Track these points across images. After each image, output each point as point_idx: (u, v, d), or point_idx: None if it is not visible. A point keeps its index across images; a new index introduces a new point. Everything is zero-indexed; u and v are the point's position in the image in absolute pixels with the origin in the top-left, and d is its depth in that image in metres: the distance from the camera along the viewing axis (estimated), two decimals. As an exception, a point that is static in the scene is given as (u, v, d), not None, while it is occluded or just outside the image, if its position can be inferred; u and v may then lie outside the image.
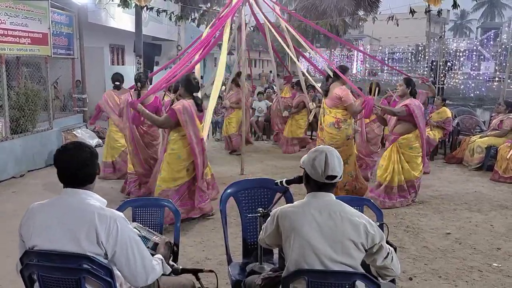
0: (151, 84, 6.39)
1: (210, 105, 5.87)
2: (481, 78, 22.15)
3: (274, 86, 13.55)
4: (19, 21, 7.16)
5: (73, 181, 2.09)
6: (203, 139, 4.97)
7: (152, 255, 2.37)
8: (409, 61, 31.07)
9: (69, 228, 1.99)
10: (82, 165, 2.08)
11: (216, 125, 10.93)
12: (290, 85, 9.97)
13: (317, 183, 2.23)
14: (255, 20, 7.83)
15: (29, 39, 7.38)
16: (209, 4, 21.73)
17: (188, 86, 4.89)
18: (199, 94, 5.40)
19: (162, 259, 2.31)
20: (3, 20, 6.79)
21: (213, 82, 7.98)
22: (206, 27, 9.39)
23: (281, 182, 2.65)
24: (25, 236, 2.07)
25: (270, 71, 35.14)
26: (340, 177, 2.24)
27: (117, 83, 6.88)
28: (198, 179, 4.96)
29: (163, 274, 2.32)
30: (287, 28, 8.15)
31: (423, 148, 5.86)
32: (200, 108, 4.96)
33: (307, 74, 7.94)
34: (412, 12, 8.81)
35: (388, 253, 2.18)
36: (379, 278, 2.22)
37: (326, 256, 2.08)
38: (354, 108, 5.84)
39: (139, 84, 5.58)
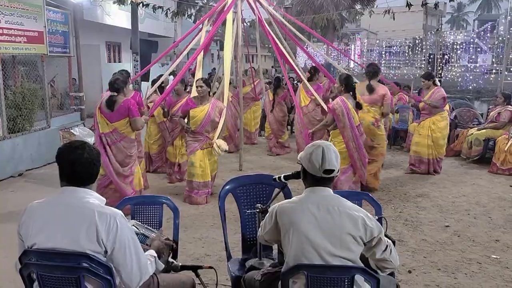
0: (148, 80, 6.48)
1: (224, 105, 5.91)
2: (478, 70, 22.15)
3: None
4: (15, 20, 7.12)
5: (79, 180, 2.09)
6: (100, 135, 5.02)
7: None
8: (406, 54, 31.04)
9: (68, 226, 1.99)
10: (90, 164, 2.09)
11: None
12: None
13: (314, 178, 2.23)
14: (256, 15, 7.79)
15: (24, 37, 7.35)
16: (205, 0, 21.67)
17: (108, 84, 5.09)
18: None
19: (155, 256, 2.31)
20: (-2, 18, 6.77)
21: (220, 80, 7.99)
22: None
23: (279, 177, 2.66)
24: (24, 235, 2.07)
25: (272, 66, 35.05)
26: (338, 171, 2.25)
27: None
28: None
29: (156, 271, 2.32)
30: (283, 23, 8.12)
31: (351, 158, 5.42)
32: (109, 104, 4.92)
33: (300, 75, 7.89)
34: (408, 5, 8.78)
35: (386, 246, 2.19)
36: (378, 271, 2.23)
37: (325, 251, 2.08)
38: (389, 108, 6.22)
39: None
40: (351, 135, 5.35)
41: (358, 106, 5.48)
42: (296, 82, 11.87)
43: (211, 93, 6.02)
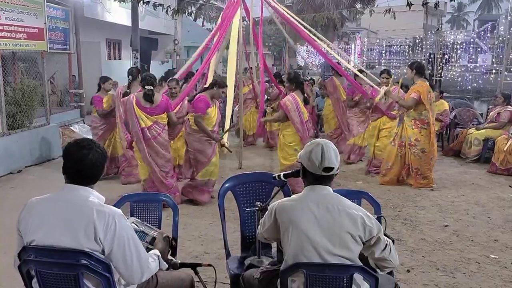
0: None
1: (228, 104, 5.94)
2: (478, 70, 22.13)
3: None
4: (15, 16, 7.12)
5: (80, 179, 2.09)
6: (142, 129, 5.12)
7: (150, 249, 2.38)
8: (406, 54, 31.03)
9: (67, 224, 1.99)
10: (93, 166, 2.08)
11: None
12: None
13: (314, 176, 2.23)
14: (246, 14, 7.81)
15: (25, 34, 7.34)
16: (205, -2, 21.61)
17: (141, 80, 5.38)
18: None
19: (158, 255, 2.31)
20: (-1, 15, 6.75)
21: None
22: (203, 21, 9.32)
23: (278, 175, 2.66)
24: (23, 231, 2.07)
25: (273, 65, 34.97)
26: (337, 169, 2.25)
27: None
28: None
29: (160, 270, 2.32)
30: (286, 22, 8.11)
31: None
32: (148, 98, 5.09)
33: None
34: (409, 4, 8.77)
35: (386, 245, 2.19)
36: (378, 270, 2.23)
37: (324, 249, 2.08)
38: None
39: (130, 77, 5.99)
40: (301, 129, 5.74)
41: (306, 102, 5.88)
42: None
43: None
